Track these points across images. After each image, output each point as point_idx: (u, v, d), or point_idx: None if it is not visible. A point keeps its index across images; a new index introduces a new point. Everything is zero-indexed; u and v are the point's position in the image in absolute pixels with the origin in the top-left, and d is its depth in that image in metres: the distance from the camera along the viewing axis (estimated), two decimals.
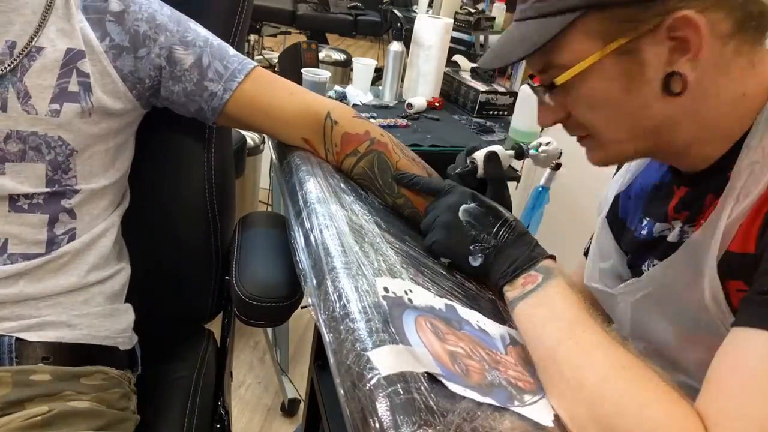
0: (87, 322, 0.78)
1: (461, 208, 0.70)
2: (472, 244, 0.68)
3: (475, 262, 0.68)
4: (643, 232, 0.73)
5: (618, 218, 0.81)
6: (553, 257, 0.66)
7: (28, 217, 0.74)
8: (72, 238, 0.77)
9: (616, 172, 0.84)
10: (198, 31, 0.83)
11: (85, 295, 0.78)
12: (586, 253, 0.92)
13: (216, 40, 0.84)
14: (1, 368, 0.71)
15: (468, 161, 0.82)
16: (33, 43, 0.73)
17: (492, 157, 0.80)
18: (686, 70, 0.57)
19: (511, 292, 0.64)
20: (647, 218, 0.73)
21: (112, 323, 0.81)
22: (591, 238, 0.88)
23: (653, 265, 0.70)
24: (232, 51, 0.84)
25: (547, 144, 1.00)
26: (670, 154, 0.67)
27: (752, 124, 0.59)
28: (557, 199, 2.15)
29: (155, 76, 0.80)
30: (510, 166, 0.93)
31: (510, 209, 0.77)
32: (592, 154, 0.68)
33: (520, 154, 0.91)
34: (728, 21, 0.56)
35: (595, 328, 0.55)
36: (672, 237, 0.68)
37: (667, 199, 0.71)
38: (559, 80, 0.61)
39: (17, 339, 0.72)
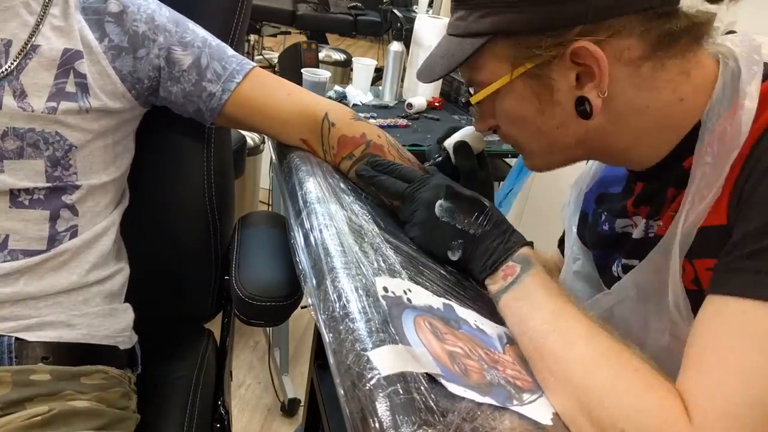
0: (86, 321, 0.78)
1: (437, 204, 0.69)
2: (451, 240, 0.68)
3: (454, 256, 0.68)
4: (605, 227, 0.74)
5: (582, 212, 0.82)
6: (529, 244, 0.65)
7: (29, 212, 0.74)
8: (74, 236, 0.77)
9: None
10: (197, 31, 0.83)
11: (84, 295, 0.78)
12: (559, 244, 0.92)
13: (215, 41, 0.84)
14: (0, 368, 0.71)
15: (441, 150, 0.82)
16: (31, 41, 0.73)
17: (461, 147, 0.80)
18: (593, 97, 0.59)
19: (493, 286, 0.64)
20: (605, 213, 0.74)
21: (112, 323, 0.81)
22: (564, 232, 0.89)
23: (621, 265, 0.70)
24: (230, 51, 0.85)
25: None
26: (610, 158, 0.69)
27: (700, 119, 0.59)
28: (542, 184, 2.15)
29: (154, 76, 0.80)
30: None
31: (490, 196, 0.79)
32: (525, 161, 0.72)
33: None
34: (639, 46, 0.58)
35: (576, 316, 0.56)
36: (637, 233, 0.69)
37: (624, 193, 0.72)
38: (473, 99, 0.66)
39: (17, 339, 0.72)
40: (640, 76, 0.59)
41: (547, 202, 2.09)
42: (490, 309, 0.67)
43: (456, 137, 0.81)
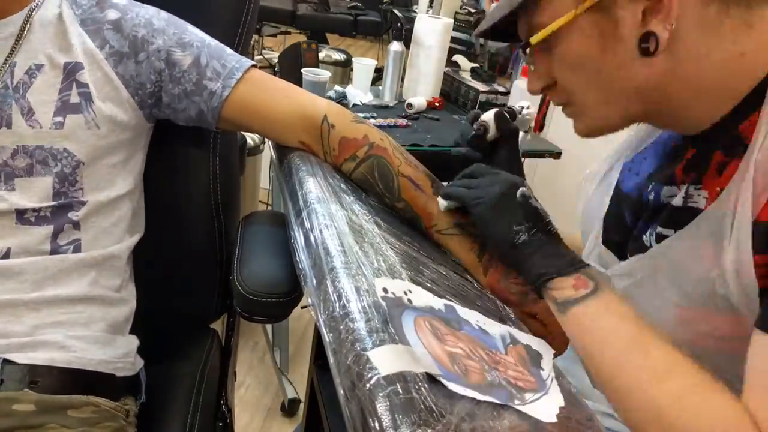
0: (82, 345, 0.75)
1: (521, 189, 0.68)
2: (521, 222, 0.66)
3: (518, 238, 0.66)
4: (650, 197, 0.71)
5: (619, 191, 0.78)
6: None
7: (35, 229, 0.74)
8: (77, 249, 0.77)
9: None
10: (195, 32, 0.83)
11: (87, 314, 0.77)
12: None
13: (213, 41, 0.84)
14: None
15: (477, 126, 0.80)
16: (11, 59, 0.74)
17: (501, 114, 0.80)
18: (659, 30, 0.58)
19: (559, 292, 0.62)
20: (653, 182, 0.72)
21: (110, 349, 0.78)
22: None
23: (654, 234, 0.68)
24: (229, 51, 0.85)
25: (527, 107, 1.07)
26: (665, 118, 0.67)
27: (762, 82, 0.58)
28: (541, 186, 2.15)
29: (156, 80, 0.81)
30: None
31: (521, 168, 0.81)
32: (577, 124, 0.69)
33: (513, 114, 0.89)
34: None
35: (659, 342, 0.55)
36: (677, 200, 0.66)
37: (676, 160, 0.69)
38: (534, 39, 0.64)
39: (5, 360, 0.70)
40: (706, 16, 0.57)
41: (545, 203, 2.09)
42: (491, 309, 0.67)
43: (491, 112, 0.80)
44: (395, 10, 2.43)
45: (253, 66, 0.85)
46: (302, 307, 0.75)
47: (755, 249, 0.55)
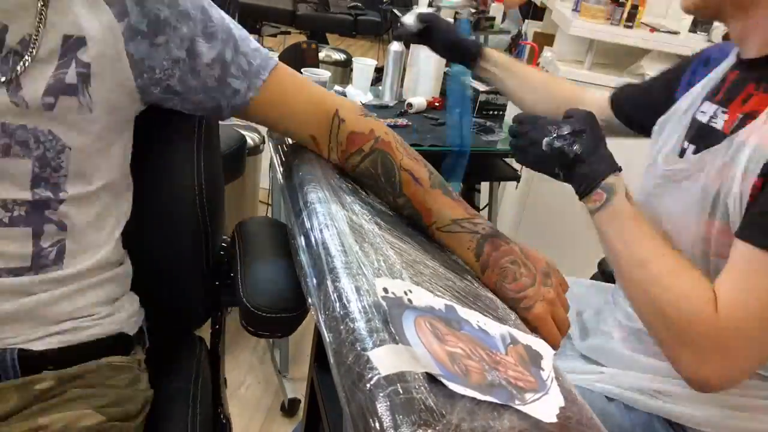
0: (91, 323, 0.76)
1: (545, 141, 0.85)
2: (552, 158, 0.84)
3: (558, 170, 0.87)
4: (694, 114, 0.83)
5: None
6: (618, 169, 0.81)
7: (10, 230, 0.68)
8: (61, 250, 0.72)
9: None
10: (221, 19, 0.76)
11: (92, 307, 0.76)
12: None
13: (237, 30, 0.78)
14: (4, 382, 0.69)
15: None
16: (36, 36, 0.66)
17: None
18: None
19: (588, 205, 0.82)
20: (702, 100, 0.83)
21: (118, 315, 0.79)
22: None
23: (684, 149, 0.82)
24: (253, 44, 0.79)
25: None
26: (742, 22, 0.75)
27: None
28: (541, 186, 2.16)
29: (168, 68, 0.73)
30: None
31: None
32: None
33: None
34: None
35: (646, 243, 0.76)
36: (704, 118, 0.79)
37: (721, 83, 0.81)
38: None
39: (20, 350, 0.70)
40: None
41: (546, 203, 2.09)
42: (491, 307, 0.67)
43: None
44: (395, 10, 2.42)
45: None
46: None
47: (759, 174, 0.68)
